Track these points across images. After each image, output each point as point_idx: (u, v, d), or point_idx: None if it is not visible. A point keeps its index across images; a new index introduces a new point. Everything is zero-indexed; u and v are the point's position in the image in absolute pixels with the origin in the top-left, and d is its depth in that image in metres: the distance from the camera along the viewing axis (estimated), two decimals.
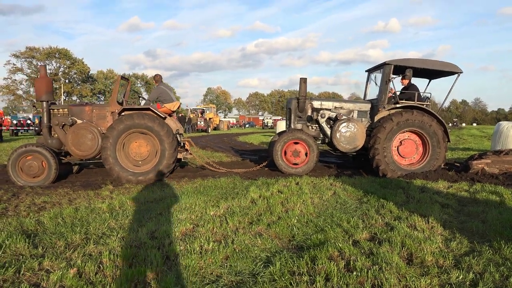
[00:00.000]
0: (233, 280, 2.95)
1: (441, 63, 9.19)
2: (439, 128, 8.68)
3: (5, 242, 3.60)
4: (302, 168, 8.94)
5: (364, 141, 8.98)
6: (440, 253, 3.51)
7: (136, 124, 7.82)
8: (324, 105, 9.63)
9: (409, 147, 8.80)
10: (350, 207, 5.36)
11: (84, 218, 4.63)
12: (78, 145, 8.07)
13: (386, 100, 9.11)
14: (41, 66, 8.87)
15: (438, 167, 8.66)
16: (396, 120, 8.52)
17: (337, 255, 3.44)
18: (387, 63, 9.01)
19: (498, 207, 5.25)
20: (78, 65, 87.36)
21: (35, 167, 7.69)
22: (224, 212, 4.88)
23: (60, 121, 8.22)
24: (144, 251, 3.41)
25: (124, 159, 7.98)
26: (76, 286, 2.72)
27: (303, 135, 9.07)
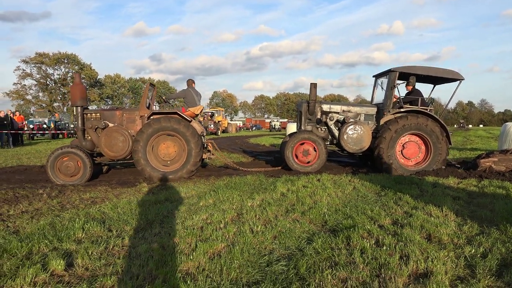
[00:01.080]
0: (283, 253, 3.59)
1: (443, 71, 9.81)
2: (440, 131, 9.29)
3: (85, 226, 4.27)
4: (312, 167, 9.57)
5: (370, 142, 9.61)
6: (455, 234, 4.12)
7: (163, 127, 8.47)
8: (333, 108, 10.32)
9: (412, 148, 9.41)
10: (371, 200, 5.97)
11: (139, 209, 5.28)
12: (111, 147, 8.70)
13: (391, 104, 9.75)
14: (76, 74, 9.61)
15: (443, 161, 9.26)
16: (401, 123, 9.17)
17: (367, 235, 4.07)
18: (392, 70, 9.66)
19: (505, 199, 5.84)
20: (86, 70, 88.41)
21: (72, 167, 8.38)
22: (260, 203, 5.52)
23: (93, 124, 8.85)
24: (208, 231, 4.07)
25: (154, 160, 8.62)
26: (163, 254, 3.36)
27: (312, 136, 9.72)
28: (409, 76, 9.92)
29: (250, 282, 2.92)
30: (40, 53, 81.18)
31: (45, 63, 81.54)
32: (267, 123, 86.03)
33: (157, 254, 3.39)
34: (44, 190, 7.22)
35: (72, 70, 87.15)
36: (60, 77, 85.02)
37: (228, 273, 3.01)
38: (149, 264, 3.16)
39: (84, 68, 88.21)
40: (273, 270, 3.14)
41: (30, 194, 6.86)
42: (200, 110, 10.26)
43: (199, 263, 3.20)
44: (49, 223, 4.52)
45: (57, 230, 4.17)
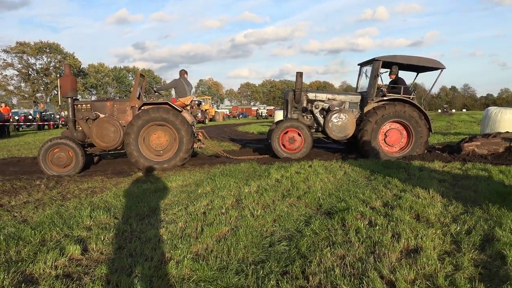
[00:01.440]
0: (284, 234, 3.83)
1: (425, 59, 10.14)
2: (419, 115, 9.63)
3: (91, 214, 4.45)
4: (300, 152, 9.86)
5: (354, 130, 9.93)
6: (441, 214, 4.42)
7: (152, 117, 8.58)
8: (318, 96, 10.59)
9: (395, 135, 9.76)
10: (361, 184, 6.26)
11: (140, 197, 5.48)
12: (102, 137, 8.78)
13: (375, 93, 10.05)
14: (65, 65, 9.60)
15: (425, 143, 9.69)
16: (380, 114, 9.52)
17: (360, 216, 4.34)
18: (376, 59, 9.97)
19: (487, 180, 6.18)
20: (69, 59, 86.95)
21: (64, 158, 8.42)
22: (257, 189, 5.76)
23: (84, 115, 8.92)
24: (211, 216, 4.29)
25: (147, 150, 8.75)
26: (172, 238, 3.58)
27: (294, 123, 10.00)
28: (392, 65, 10.22)
29: (256, 261, 3.16)
30: (21, 42, 79.52)
31: (27, 52, 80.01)
32: (253, 111, 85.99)
33: (167, 238, 3.61)
34: (41, 181, 7.34)
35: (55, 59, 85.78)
36: (43, 66, 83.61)
37: (235, 253, 3.25)
38: (161, 247, 3.37)
39: (67, 58, 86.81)
40: (276, 250, 3.39)
41: (27, 185, 6.98)
42: (190, 101, 10.42)
43: (207, 245, 3.43)
44: (55, 212, 4.69)
45: (65, 218, 4.35)
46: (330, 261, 3.11)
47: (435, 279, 2.80)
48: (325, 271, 2.94)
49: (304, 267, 3.01)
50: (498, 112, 13.40)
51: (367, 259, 3.15)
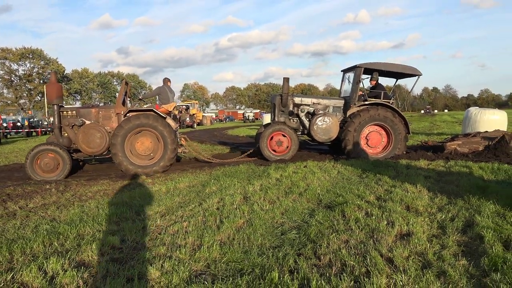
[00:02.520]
0: (292, 225, 4.36)
1: (403, 67, 10.89)
2: (400, 121, 10.29)
3: (115, 211, 4.91)
4: (290, 153, 10.43)
5: (338, 132, 10.55)
6: (428, 205, 5.00)
7: (138, 124, 8.91)
8: (304, 101, 11.26)
9: (375, 138, 10.40)
10: (355, 181, 6.83)
11: (154, 197, 5.94)
12: (88, 143, 9.09)
13: (357, 97, 10.71)
14: (52, 73, 9.94)
15: (404, 138, 10.35)
16: (356, 122, 10.17)
17: (357, 209, 4.88)
18: (358, 66, 10.68)
19: (468, 176, 6.81)
20: (53, 65, 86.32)
21: (51, 164, 8.71)
22: (261, 188, 6.27)
23: (70, 122, 9.21)
24: (225, 211, 4.80)
25: (132, 156, 9.05)
26: (197, 229, 4.08)
27: (278, 126, 10.60)
28: (372, 72, 10.93)
29: (273, 246, 3.67)
30: (3, 48, 78.61)
31: (9, 58, 79.16)
32: (239, 114, 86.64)
33: (192, 230, 4.09)
34: (50, 185, 7.73)
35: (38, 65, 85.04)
36: (26, 72, 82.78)
37: (254, 240, 3.76)
38: (190, 237, 3.85)
39: (51, 63, 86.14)
40: (288, 237, 3.90)
41: (38, 190, 7.35)
42: (173, 107, 10.93)
43: (229, 235, 3.93)
44: (80, 211, 5.14)
45: (92, 216, 4.80)
46: (336, 244, 3.64)
47: (425, 255, 3.35)
48: (333, 252, 3.47)
49: (315, 250, 3.54)
50: (478, 113, 14.18)
51: (367, 242, 3.69)
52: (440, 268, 3.08)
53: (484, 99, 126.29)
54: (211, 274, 3.07)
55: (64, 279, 2.94)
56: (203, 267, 3.20)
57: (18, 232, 4.29)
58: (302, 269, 3.07)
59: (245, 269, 3.12)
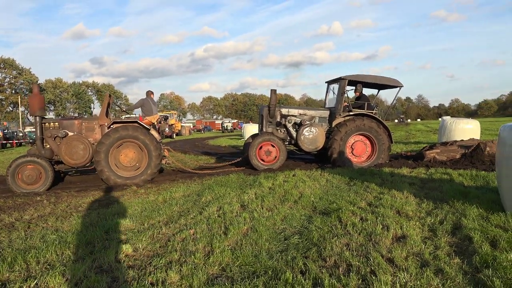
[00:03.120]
0: (293, 230, 4.59)
1: (386, 79, 11.43)
2: (377, 124, 10.74)
3: (118, 221, 5.03)
4: (278, 162, 10.74)
5: (324, 142, 10.91)
6: (417, 210, 5.32)
7: (122, 135, 9.03)
8: (291, 112, 11.62)
9: (360, 147, 10.82)
10: (344, 189, 7.12)
11: (153, 207, 6.07)
12: (71, 155, 9.08)
13: (342, 108, 11.13)
14: (34, 85, 9.95)
15: (388, 149, 10.83)
16: (343, 131, 10.58)
17: (351, 214, 5.15)
18: (342, 78, 11.12)
19: (450, 182, 7.21)
20: (25, 75, 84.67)
21: (33, 175, 8.69)
22: (255, 196, 6.48)
23: (52, 133, 9.19)
24: (227, 218, 4.98)
25: (116, 167, 9.13)
26: (205, 236, 4.25)
27: (266, 137, 10.91)
28: (356, 83, 11.38)
29: (280, 250, 3.89)
30: None
31: None
32: (217, 124, 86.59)
33: (200, 237, 4.27)
34: (41, 197, 7.75)
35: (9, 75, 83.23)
36: None
37: (262, 245, 3.96)
38: (199, 243, 4.03)
39: (23, 73, 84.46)
40: (292, 242, 4.13)
41: (29, 201, 7.36)
42: (156, 119, 11.11)
43: (236, 240, 4.13)
44: (82, 221, 5.22)
45: (97, 225, 4.90)
46: (338, 247, 3.89)
47: (422, 255, 3.64)
48: (337, 254, 3.71)
49: (320, 252, 3.77)
50: (452, 122, 14.84)
51: (367, 245, 3.95)
52: (437, 266, 3.36)
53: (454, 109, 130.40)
54: (227, 277, 3.26)
55: (89, 284, 3.08)
56: (218, 271, 3.39)
57: (26, 242, 4.37)
58: (312, 270, 3.30)
59: (258, 272, 3.33)
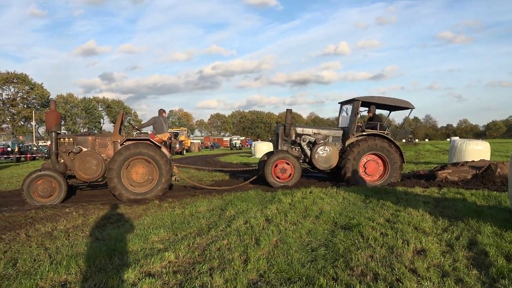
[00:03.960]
0: (319, 243, 4.91)
1: (398, 100, 11.83)
2: (396, 151, 11.06)
3: (154, 231, 5.39)
4: (293, 179, 11.07)
5: (337, 161, 11.26)
6: (433, 226, 5.63)
7: (134, 152, 9.38)
8: (305, 131, 12.04)
9: (373, 166, 11.16)
10: (361, 206, 7.44)
11: (181, 220, 6.43)
12: (84, 170, 9.39)
13: (355, 128, 11.51)
14: (51, 101, 10.37)
15: (400, 167, 11.14)
16: (355, 150, 10.95)
17: (372, 229, 5.47)
18: (356, 99, 11.52)
19: (463, 202, 7.50)
20: (38, 90, 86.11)
21: (48, 189, 9.01)
22: (277, 211, 6.82)
23: (67, 148, 9.55)
24: (256, 231, 5.33)
25: (126, 181, 9.42)
26: (238, 246, 4.60)
27: (281, 155, 11.29)
28: (370, 105, 11.78)
29: (309, 260, 4.22)
30: None
31: None
32: (225, 141, 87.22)
33: (233, 247, 4.61)
34: (70, 209, 8.11)
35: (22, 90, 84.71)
36: (9, 97, 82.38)
37: (292, 255, 4.30)
38: (235, 252, 4.37)
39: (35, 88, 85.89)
40: (319, 253, 4.46)
41: (59, 213, 7.73)
42: (167, 137, 11.52)
43: (268, 250, 4.47)
44: (120, 231, 5.59)
45: (135, 235, 5.27)
46: (363, 258, 4.21)
47: (442, 267, 3.95)
48: (363, 264, 4.03)
49: (346, 263, 4.10)
50: (463, 143, 15.13)
51: (390, 257, 4.27)
52: (457, 277, 3.68)
53: (462, 129, 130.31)
54: (265, 282, 3.60)
55: (143, 285, 3.43)
56: (256, 277, 3.72)
57: (73, 249, 4.73)
58: (343, 278, 3.62)
59: (292, 278, 3.66)
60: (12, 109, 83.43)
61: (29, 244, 5.20)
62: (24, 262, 4.26)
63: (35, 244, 5.15)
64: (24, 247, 5.05)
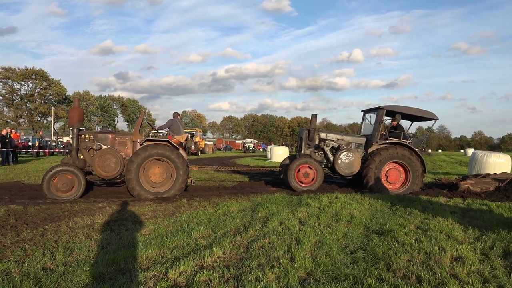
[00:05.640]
0: (356, 246, 5.08)
1: (422, 111, 11.94)
2: (417, 159, 11.15)
3: (193, 229, 5.61)
4: (315, 185, 11.23)
5: (359, 167, 11.39)
6: (465, 235, 5.76)
7: (157, 153, 9.59)
8: (329, 136, 12.22)
9: (395, 174, 11.25)
10: (388, 213, 7.58)
11: (216, 218, 6.65)
12: (103, 167, 9.62)
13: (379, 136, 11.63)
14: (75, 98, 10.69)
15: (421, 175, 11.21)
16: (377, 159, 11.07)
17: (405, 236, 5.62)
18: (381, 108, 11.64)
19: (490, 213, 7.61)
20: (55, 87, 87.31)
21: (68, 184, 9.22)
22: (307, 214, 7.00)
23: (87, 145, 9.80)
24: (294, 231, 5.52)
25: (144, 181, 9.61)
26: (281, 246, 4.79)
27: (303, 159, 11.45)
28: (394, 114, 11.90)
29: (351, 261, 4.39)
30: (6, 67, 79.72)
31: (12, 78, 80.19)
32: (238, 144, 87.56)
33: (276, 245, 4.81)
34: (103, 204, 8.37)
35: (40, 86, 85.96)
36: (27, 92, 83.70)
37: (334, 256, 4.48)
38: (279, 251, 4.57)
39: (53, 84, 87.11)
40: (359, 256, 4.63)
41: (93, 207, 7.97)
42: (184, 138, 11.75)
43: (310, 250, 4.65)
44: (158, 227, 5.82)
45: (178, 231, 5.49)
46: (403, 262, 4.38)
47: (482, 273, 4.10)
48: (404, 267, 4.20)
49: (388, 266, 4.26)
50: (483, 156, 15.16)
51: (429, 262, 4.42)
52: (498, 283, 3.82)
53: (477, 141, 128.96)
54: (314, 279, 3.78)
55: (201, 277, 3.64)
56: (305, 275, 3.91)
57: (121, 241, 4.97)
58: (389, 279, 3.79)
59: (339, 277, 3.84)
60: (30, 104, 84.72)
61: (76, 235, 5.45)
62: (80, 251, 4.51)
63: (82, 235, 5.39)
64: (72, 237, 5.30)
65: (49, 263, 4.10)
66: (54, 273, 3.78)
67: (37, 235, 5.39)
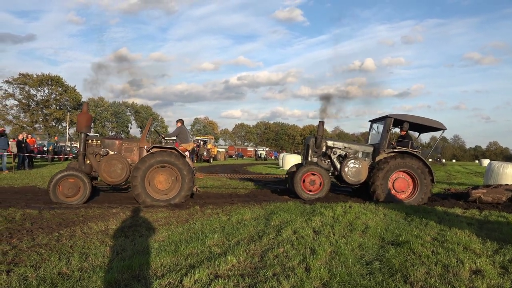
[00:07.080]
0: (371, 257, 5.01)
1: (430, 120, 11.80)
2: (424, 168, 11.00)
3: (207, 237, 5.60)
4: (323, 192, 11.15)
5: (366, 176, 11.28)
6: (484, 247, 5.64)
7: (164, 160, 9.56)
8: (336, 144, 12.18)
9: (403, 183, 11.09)
10: (404, 223, 7.47)
11: (230, 226, 6.62)
12: (110, 173, 9.62)
13: (386, 145, 11.51)
14: (84, 103, 10.76)
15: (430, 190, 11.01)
16: (385, 168, 10.91)
17: (422, 247, 5.53)
18: (389, 116, 11.52)
19: (508, 225, 7.45)
20: (70, 93, 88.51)
21: (73, 189, 9.22)
22: (322, 224, 6.94)
23: (94, 150, 9.81)
24: (308, 241, 5.47)
25: (149, 187, 9.57)
26: (295, 255, 4.75)
27: (309, 167, 11.37)
28: (402, 122, 11.75)
29: (367, 272, 4.33)
30: (24, 73, 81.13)
31: (28, 84, 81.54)
32: (249, 152, 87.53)
33: (291, 254, 4.77)
34: (116, 210, 8.41)
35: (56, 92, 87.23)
36: (43, 98, 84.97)
37: (350, 266, 4.42)
38: (294, 261, 4.53)
39: (68, 91, 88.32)
40: (374, 267, 4.56)
41: (107, 213, 8.01)
42: (191, 147, 11.75)
43: (325, 259, 4.61)
44: (171, 234, 5.82)
45: (192, 239, 5.48)
46: (421, 275, 4.30)
47: (502, 287, 4.00)
48: (422, 280, 4.12)
49: (404, 278, 4.19)
50: (500, 166, 14.92)
51: (447, 275, 4.34)
52: None
53: (492, 152, 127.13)
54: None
55: (217, 286, 3.62)
56: (320, 285, 3.87)
57: (136, 247, 4.98)
58: None
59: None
60: (45, 110, 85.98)
61: (91, 240, 5.48)
62: (95, 257, 4.53)
63: (97, 241, 5.42)
64: (87, 243, 5.33)
65: (65, 268, 4.13)
66: (70, 279, 3.80)
67: (53, 240, 5.44)
